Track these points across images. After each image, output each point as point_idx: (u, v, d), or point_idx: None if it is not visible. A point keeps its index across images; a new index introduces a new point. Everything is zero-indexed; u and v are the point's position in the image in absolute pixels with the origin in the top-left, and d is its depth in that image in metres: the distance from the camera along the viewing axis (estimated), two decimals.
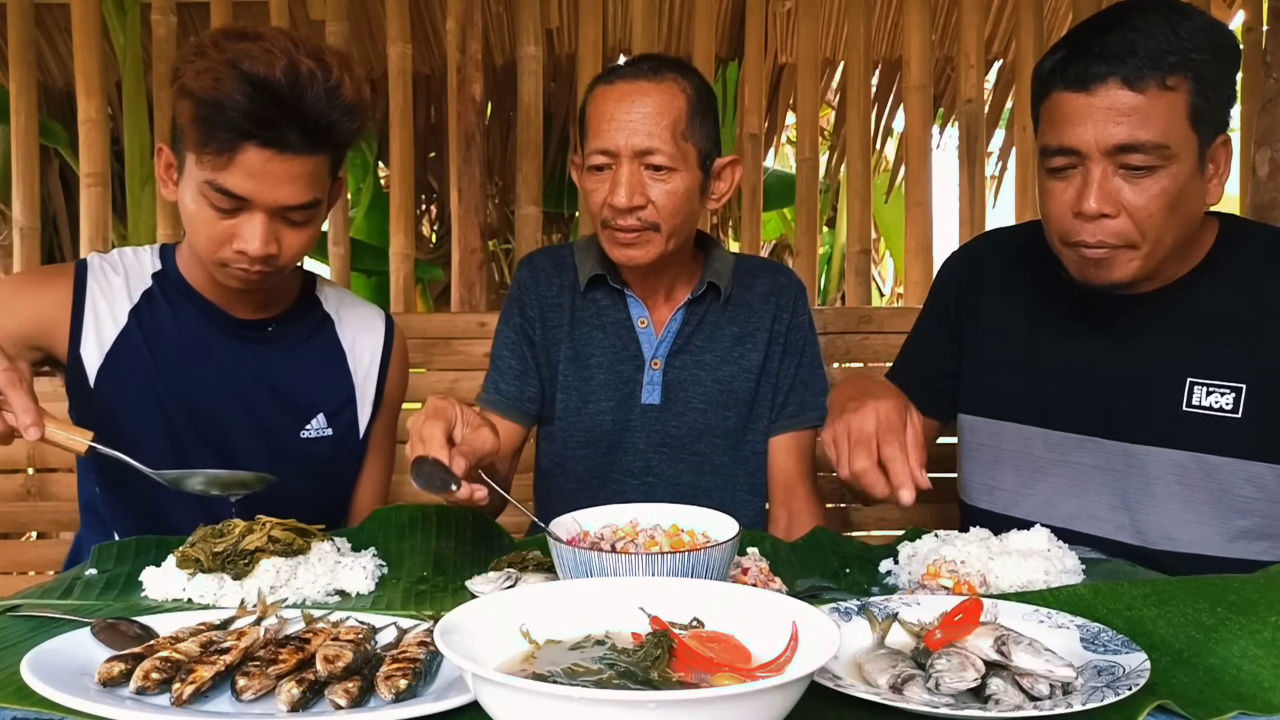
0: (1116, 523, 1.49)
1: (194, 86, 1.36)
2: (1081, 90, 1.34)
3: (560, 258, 1.75)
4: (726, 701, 0.64)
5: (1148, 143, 1.31)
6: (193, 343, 1.58)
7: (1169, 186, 1.33)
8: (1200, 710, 0.81)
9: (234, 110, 1.35)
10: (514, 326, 1.73)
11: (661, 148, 1.53)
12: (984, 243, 1.79)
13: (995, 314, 1.64)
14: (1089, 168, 1.35)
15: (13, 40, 2.80)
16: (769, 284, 1.75)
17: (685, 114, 1.57)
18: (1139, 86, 1.31)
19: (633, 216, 1.54)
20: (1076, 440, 1.53)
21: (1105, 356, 1.50)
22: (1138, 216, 1.35)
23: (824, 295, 5.83)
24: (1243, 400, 1.41)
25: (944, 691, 0.81)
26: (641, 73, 1.57)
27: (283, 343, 1.64)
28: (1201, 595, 1.01)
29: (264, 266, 1.45)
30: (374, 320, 1.76)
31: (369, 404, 1.72)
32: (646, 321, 1.70)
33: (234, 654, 0.88)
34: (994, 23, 3.49)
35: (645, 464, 1.69)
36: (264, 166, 1.38)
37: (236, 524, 1.23)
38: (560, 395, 1.69)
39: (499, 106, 3.86)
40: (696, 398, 1.69)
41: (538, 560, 1.25)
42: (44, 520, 2.55)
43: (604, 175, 1.56)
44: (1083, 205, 1.35)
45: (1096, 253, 1.38)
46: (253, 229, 1.42)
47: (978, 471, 1.65)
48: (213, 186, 1.39)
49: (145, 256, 1.62)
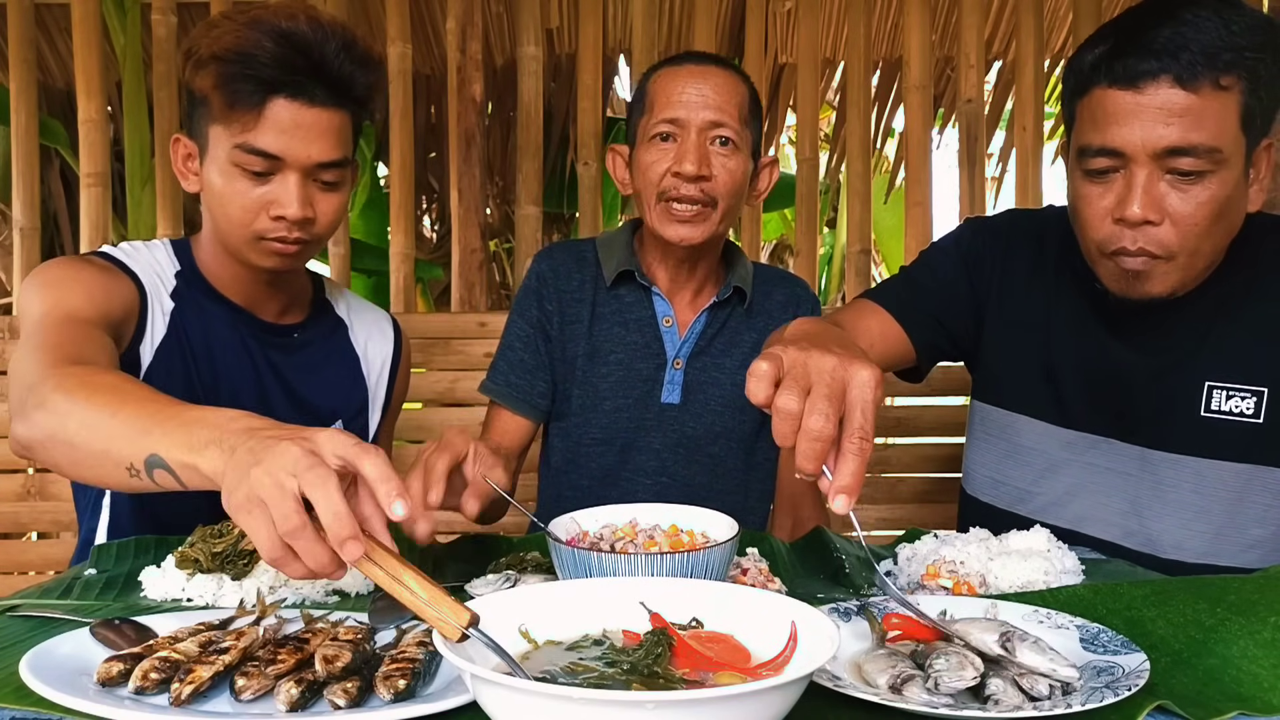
0: (1126, 528, 1.45)
1: (218, 49, 1.38)
2: (1129, 88, 1.25)
3: (581, 252, 1.75)
4: (726, 701, 0.64)
5: (1200, 146, 1.23)
6: (221, 345, 1.55)
7: (1217, 193, 1.25)
8: (1200, 710, 0.81)
9: (262, 60, 1.36)
10: (530, 319, 1.71)
11: (730, 123, 1.56)
12: (1011, 223, 1.66)
13: (1018, 301, 1.57)
14: (1133, 171, 1.27)
15: (13, 40, 2.79)
16: (787, 294, 1.77)
17: (748, 102, 1.61)
18: (1192, 85, 1.22)
19: (696, 187, 1.55)
20: (1091, 440, 1.48)
21: (1123, 356, 1.45)
22: (1182, 225, 1.27)
23: (824, 295, 5.83)
24: (1264, 405, 1.36)
25: (943, 691, 0.81)
26: (709, 60, 1.62)
27: (307, 350, 1.64)
28: (1201, 595, 1.01)
29: (302, 233, 1.44)
30: (382, 324, 1.76)
31: (379, 408, 1.72)
32: (671, 320, 1.69)
33: (233, 654, 0.88)
34: (994, 23, 3.48)
35: (660, 464, 1.68)
36: (294, 119, 1.39)
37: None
38: (576, 391, 1.68)
39: (499, 106, 3.86)
40: (715, 400, 1.68)
41: (536, 561, 1.25)
42: (44, 520, 2.55)
43: (668, 146, 1.57)
44: (1126, 211, 1.27)
45: (1135, 262, 1.30)
46: (288, 191, 1.41)
47: (986, 464, 1.61)
48: (244, 149, 1.39)
49: (161, 254, 1.57)
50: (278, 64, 1.37)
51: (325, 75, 1.41)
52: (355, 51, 1.43)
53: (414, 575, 0.79)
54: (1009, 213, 1.71)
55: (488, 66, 3.12)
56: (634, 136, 1.65)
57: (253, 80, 1.37)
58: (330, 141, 1.43)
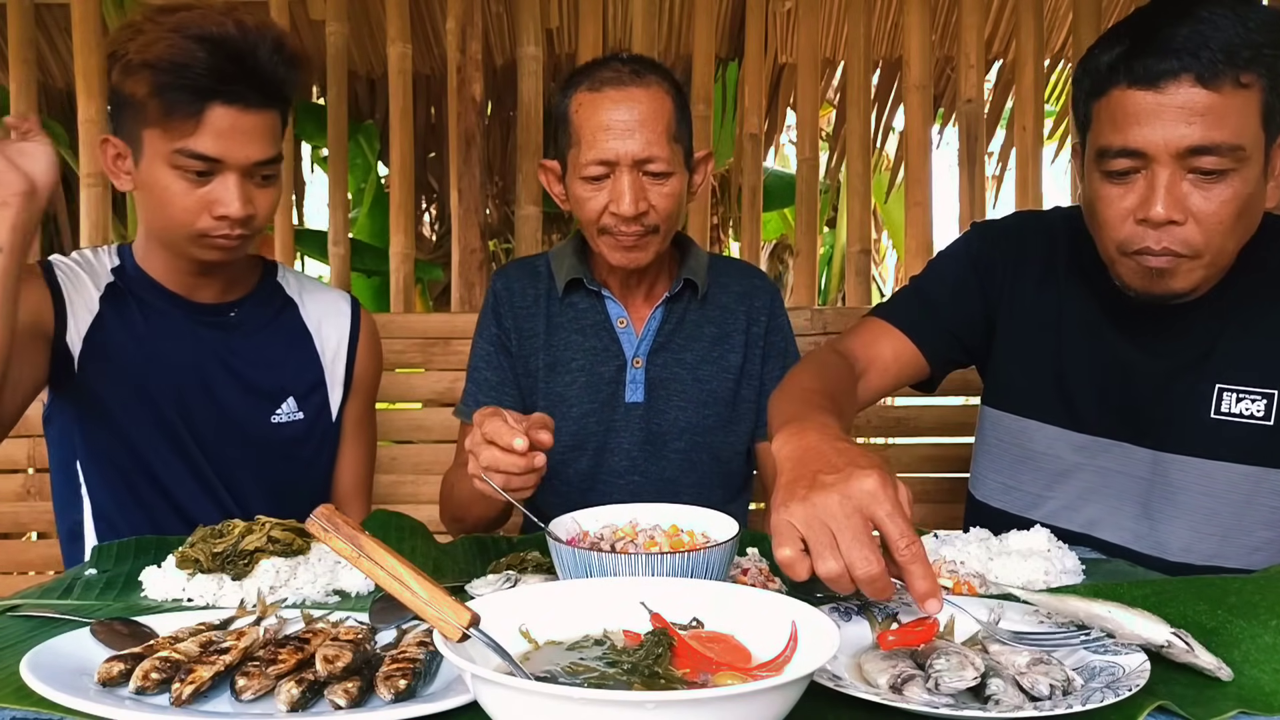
0: (1136, 531, 1.45)
1: (149, 57, 1.40)
2: (1150, 87, 1.24)
3: (534, 267, 1.76)
4: (726, 701, 0.64)
5: (1222, 144, 1.22)
6: (156, 332, 1.60)
7: (1240, 190, 1.25)
8: (1200, 711, 0.81)
9: (197, 69, 1.40)
10: (489, 338, 1.73)
11: (660, 154, 1.53)
12: (1021, 224, 1.64)
13: (1029, 304, 1.55)
14: (1155, 171, 1.26)
15: (13, 40, 2.79)
16: (744, 285, 1.77)
17: (674, 115, 1.58)
18: (1214, 84, 1.21)
19: (637, 223, 1.55)
20: (1104, 445, 1.47)
21: (1134, 358, 1.44)
22: (1206, 224, 1.26)
23: (824, 295, 5.83)
24: (1275, 406, 1.36)
25: (944, 691, 0.81)
26: (625, 78, 1.56)
27: (246, 327, 1.66)
28: (1202, 597, 1.01)
29: (244, 229, 1.49)
30: (339, 303, 1.79)
31: (339, 386, 1.75)
32: (626, 321, 1.70)
33: (233, 654, 0.88)
34: (994, 23, 3.49)
35: (631, 463, 1.70)
36: (231, 124, 1.44)
37: (236, 524, 1.23)
38: (542, 403, 1.69)
39: (499, 106, 3.86)
40: (678, 395, 1.70)
41: (537, 561, 1.25)
42: (44, 520, 2.55)
43: (601, 184, 1.55)
44: (1150, 211, 1.26)
45: (1160, 261, 1.29)
46: (229, 191, 1.46)
47: (997, 470, 1.60)
48: (184, 154, 1.43)
49: (103, 255, 1.64)
50: (213, 73, 1.41)
51: (258, 79, 1.45)
52: (285, 52, 1.47)
53: (415, 575, 0.79)
54: (1016, 215, 1.70)
55: (488, 66, 3.12)
56: (564, 160, 1.62)
57: (189, 90, 1.41)
58: (266, 141, 1.48)
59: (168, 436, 1.58)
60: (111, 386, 1.56)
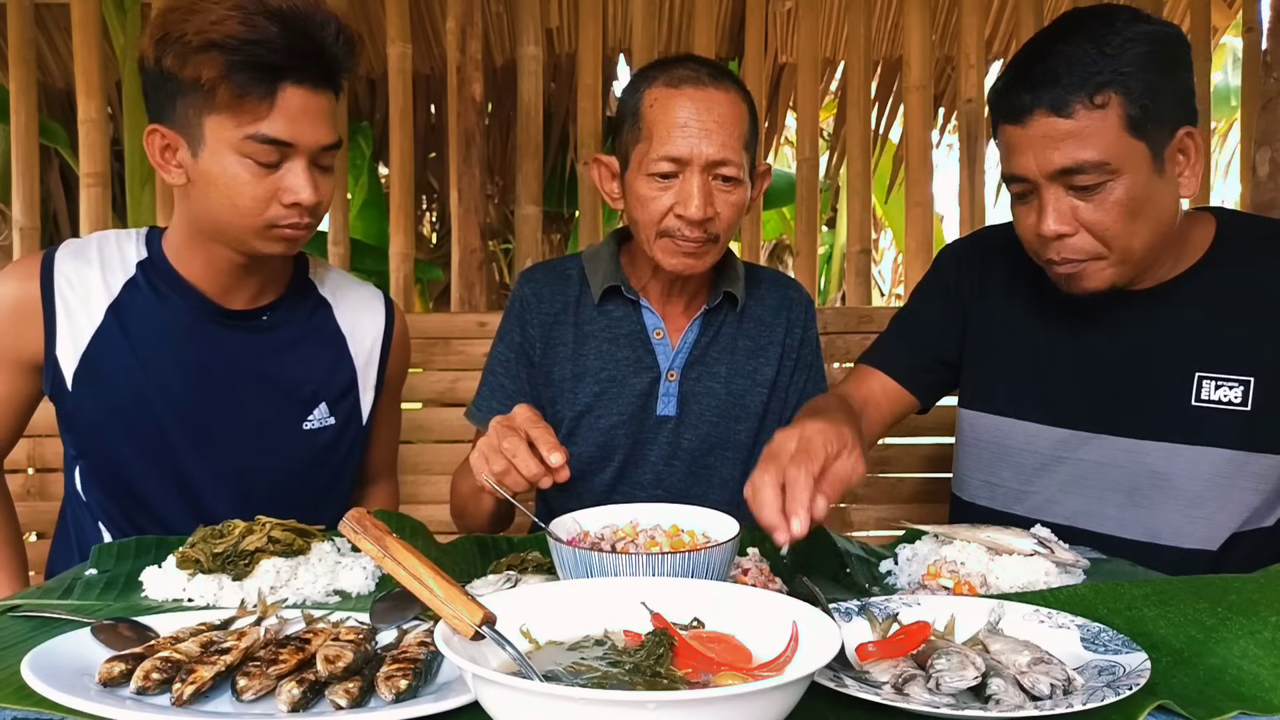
0: (1122, 520, 1.48)
1: (217, 36, 1.33)
2: (1016, 122, 1.37)
3: (564, 271, 1.71)
4: (727, 702, 0.64)
5: (1087, 163, 1.33)
6: (178, 335, 1.52)
7: (1122, 197, 1.35)
8: (1200, 710, 0.81)
9: (273, 45, 1.34)
10: (512, 345, 1.68)
11: (734, 159, 1.49)
12: (985, 238, 1.76)
13: (999, 309, 1.63)
14: (1042, 192, 1.38)
15: (13, 40, 2.79)
16: (780, 297, 1.73)
17: (748, 124, 1.54)
18: (1066, 112, 1.33)
19: (701, 229, 1.50)
20: (1083, 437, 1.52)
21: (1111, 353, 1.50)
22: (1096, 229, 1.37)
23: (824, 295, 5.83)
24: (1252, 392, 1.41)
25: (944, 691, 0.81)
26: (705, 79, 1.51)
27: (278, 331, 1.58)
28: (1202, 595, 1.01)
29: (312, 218, 1.45)
30: (373, 301, 1.71)
31: (371, 388, 1.68)
32: (662, 333, 1.65)
33: (234, 654, 0.88)
34: (994, 23, 3.49)
35: (655, 477, 1.66)
36: (303, 106, 1.39)
37: (236, 524, 1.23)
38: (568, 413, 1.65)
39: (499, 106, 3.86)
40: (710, 410, 1.66)
41: (537, 561, 1.25)
42: (44, 520, 2.54)
43: (669, 183, 1.49)
44: (1041, 228, 1.39)
45: (1065, 268, 1.42)
46: (299, 178, 1.40)
47: (977, 468, 1.64)
48: (256, 139, 1.37)
49: (129, 244, 1.55)
50: (287, 51, 1.35)
51: (325, 59, 1.40)
52: (347, 34, 1.44)
53: (432, 573, 0.82)
54: (980, 230, 1.83)
55: (488, 66, 3.12)
56: (626, 156, 1.56)
57: (263, 68, 1.34)
58: (331, 124, 1.44)
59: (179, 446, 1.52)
60: (110, 405, 1.50)
